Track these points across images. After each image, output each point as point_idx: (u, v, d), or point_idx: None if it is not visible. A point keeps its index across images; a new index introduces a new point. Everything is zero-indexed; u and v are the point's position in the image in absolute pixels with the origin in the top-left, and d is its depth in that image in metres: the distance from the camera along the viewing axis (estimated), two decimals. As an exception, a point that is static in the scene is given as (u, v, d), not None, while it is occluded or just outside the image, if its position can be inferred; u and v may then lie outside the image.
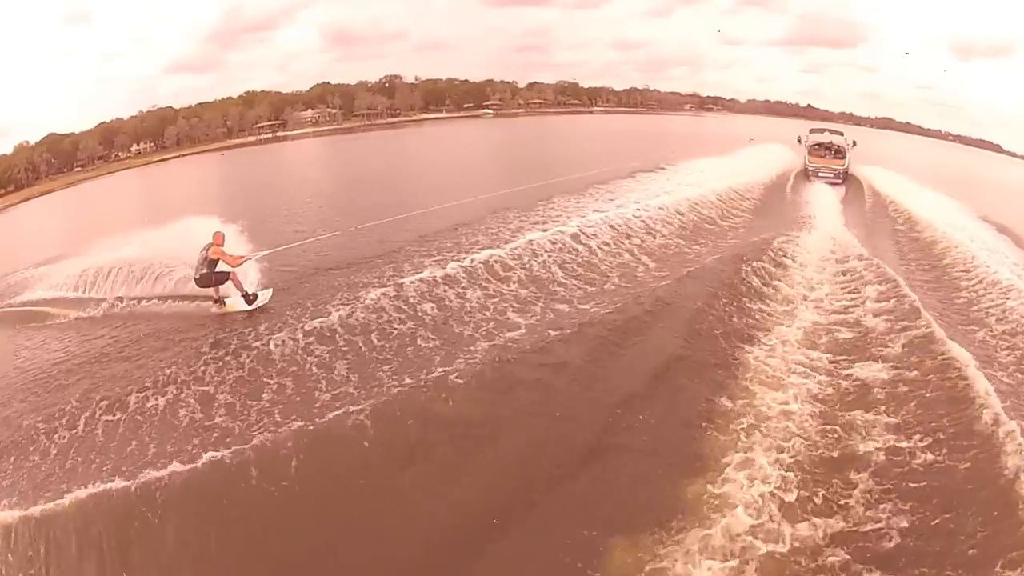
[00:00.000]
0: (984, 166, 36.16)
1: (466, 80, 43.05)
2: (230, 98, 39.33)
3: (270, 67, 41.66)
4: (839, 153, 23.43)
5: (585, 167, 18.71)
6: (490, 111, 42.96)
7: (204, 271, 9.56)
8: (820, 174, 21.93)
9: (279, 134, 39.82)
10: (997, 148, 39.29)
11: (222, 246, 9.62)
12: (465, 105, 43.22)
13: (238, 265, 9.63)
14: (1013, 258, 13.77)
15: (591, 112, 44.43)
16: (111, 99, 35.45)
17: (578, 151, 26.67)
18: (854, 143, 24.20)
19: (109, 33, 34.47)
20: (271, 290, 10.02)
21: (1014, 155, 38.26)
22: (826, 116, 39.65)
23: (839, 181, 21.50)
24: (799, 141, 24.69)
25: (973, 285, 11.62)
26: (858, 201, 19.41)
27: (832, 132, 25.12)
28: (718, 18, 45.41)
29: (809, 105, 42.25)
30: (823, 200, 18.47)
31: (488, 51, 45.56)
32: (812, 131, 25.24)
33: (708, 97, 44.87)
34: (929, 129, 40.63)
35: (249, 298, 9.68)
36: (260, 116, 39.61)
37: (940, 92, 41.34)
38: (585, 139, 33.57)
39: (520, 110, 43.85)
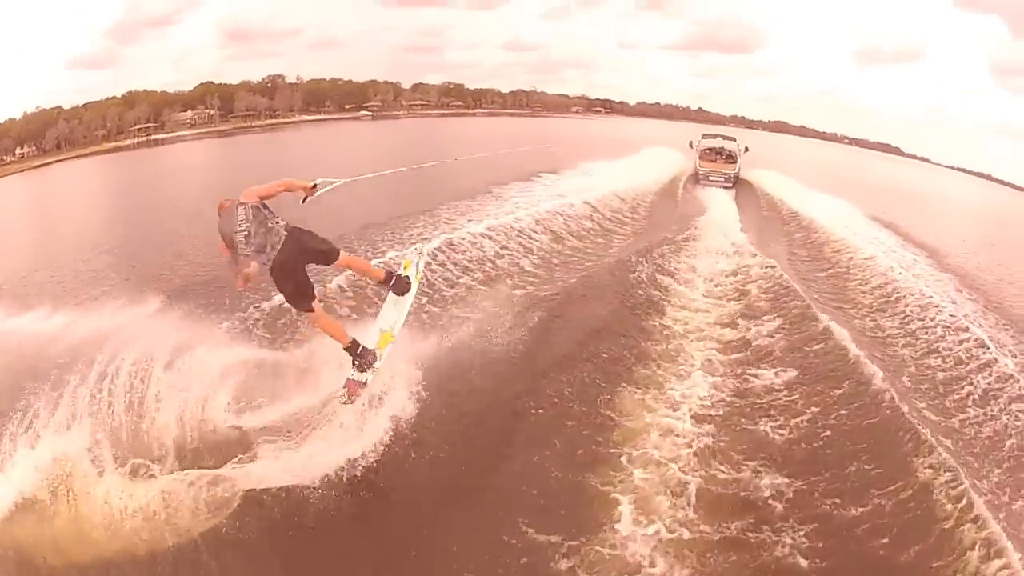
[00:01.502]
0: (879, 168, 38.04)
1: (349, 80, 41.79)
2: (113, 98, 36.71)
3: (166, 64, 39.33)
4: (730, 158, 23.95)
5: (473, 172, 18.31)
6: (369, 113, 41.85)
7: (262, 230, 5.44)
8: (711, 178, 22.32)
9: (154, 137, 37.01)
10: (897, 151, 40.72)
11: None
12: (347, 106, 41.95)
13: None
14: (908, 257, 14.64)
15: (474, 114, 43.77)
16: (6, 99, 32.71)
17: (465, 154, 25.45)
18: (746, 149, 24.80)
19: (5, 29, 31.49)
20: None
21: (914, 157, 40.00)
22: (717, 119, 40.69)
23: (729, 185, 22.01)
24: (691, 146, 25.12)
25: (853, 274, 12.70)
26: (749, 203, 19.89)
27: (724, 138, 25.62)
28: (615, 22, 45.75)
29: (700, 108, 43.06)
30: (714, 203, 18.77)
31: (381, 50, 44.79)
32: (704, 136, 25.74)
33: (597, 100, 44.86)
34: (825, 132, 41.86)
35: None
36: (139, 117, 37.00)
37: (840, 96, 42.46)
38: (471, 142, 32.39)
39: (402, 112, 42.78)
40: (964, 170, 39.22)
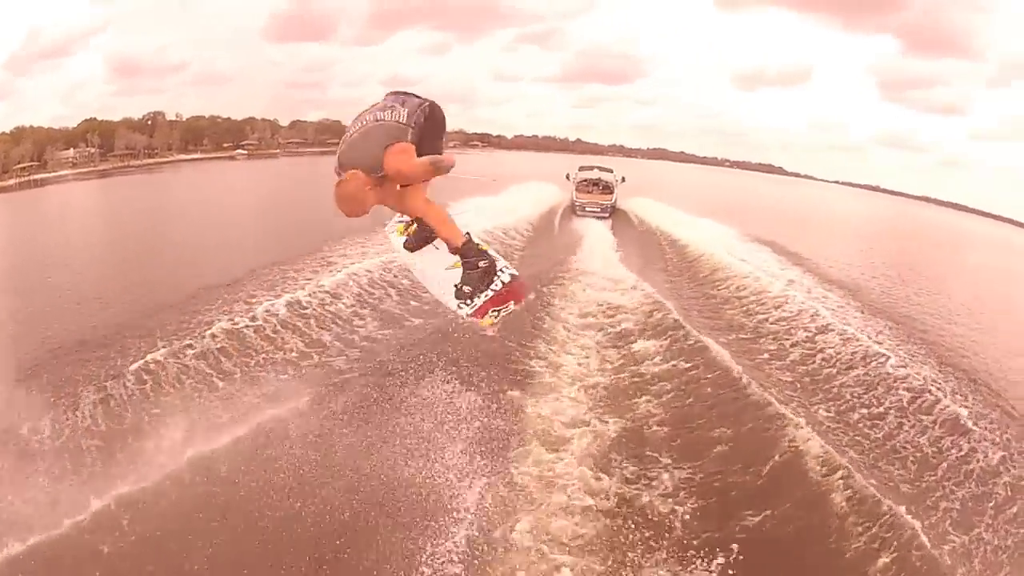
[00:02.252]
0: (763, 188, 39.72)
1: (228, 118, 41.43)
2: (3, 133, 35.68)
3: (55, 98, 39.57)
4: (607, 189, 24.44)
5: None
6: (244, 152, 41.18)
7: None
8: (587, 209, 22.73)
9: (35, 177, 35.76)
10: (780, 170, 42.29)
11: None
12: (224, 144, 41.41)
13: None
14: (789, 275, 15.11)
15: None
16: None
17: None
18: (623, 179, 25.41)
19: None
20: None
21: (797, 175, 41.66)
22: (596, 149, 41.26)
23: (606, 215, 22.49)
24: (568, 178, 25.50)
25: (727, 291, 13.18)
26: (625, 231, 20.40)
27: (601, 169, 26.07)
28: (495, 56, 48.00)
29: (579, 139, 43.60)
30: (591, 233, 19.09)
31: (263, 86, 45.08)
32: (581, 168, 26.12)
33: (474, 134, 45.31)
34: (706, 157, 42.76)
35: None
36: (23, 155, 35.87)
37: (721, 121, 45.21)
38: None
39: (278, 150, 42.36)
40: (851, 184, 41.58)
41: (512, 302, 4.65)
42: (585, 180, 24.91)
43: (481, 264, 4.58)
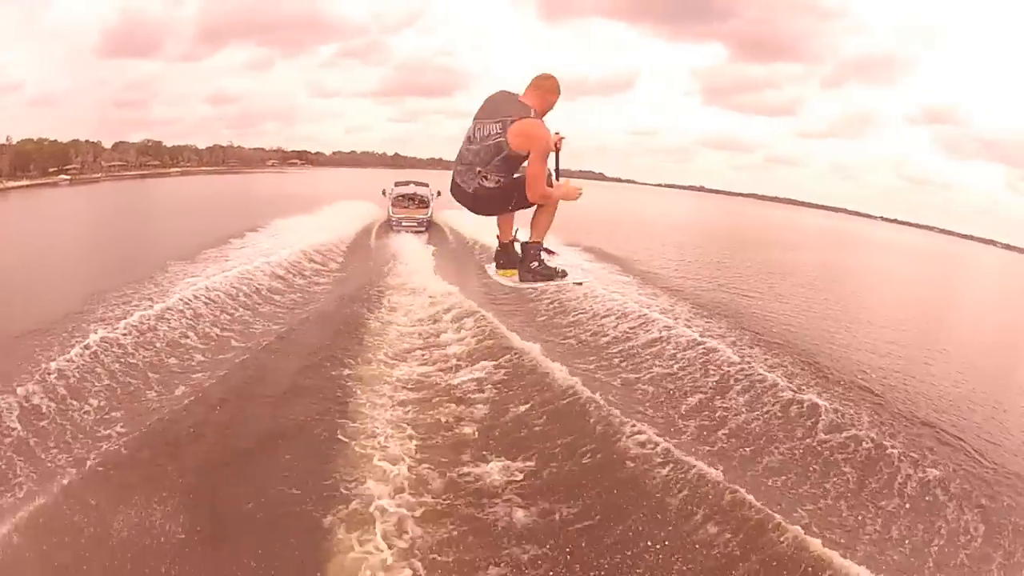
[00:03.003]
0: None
1: (55, 140, 39.60)
2: None
3: None
4: (423, 203, 24.75)
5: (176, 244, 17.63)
6: (67, 177, 38.16)
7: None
8: (404, 224, 23.02)
9: None
10: (601, 176, 50.80)
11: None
12: (50, 169, 38.85)
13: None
14: (597, 272, 16.56)
15: (168, 174, 40.98)
16: None
17: (158, 229, 24.06)
18: (438, 193, 25.37)
19: None
20: None
21: (619, 180, 48.33)
22: (415, 163, 44.85)
23: (423, 229, 22.88)
24: (384, 194, 25.64)
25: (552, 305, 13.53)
26: (442, 244, 20.85)
27: (417, 184, 26.26)
28: (317, 71, 31.78)
29: (397, 153, 45.77)
30: (407, 247, 19.38)
31: (90, 106, 33.18)
32: (397, 183, 26.21)
33: (293, 152, 43.84)
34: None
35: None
36: None
37: None
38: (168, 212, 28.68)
39: (100, 174, 39.88)
40: (674, 186, 49.81)
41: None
42: (401, 195, 25.01)
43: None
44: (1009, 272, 43.80)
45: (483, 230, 20.33)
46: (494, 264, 4.91)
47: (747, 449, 7.53)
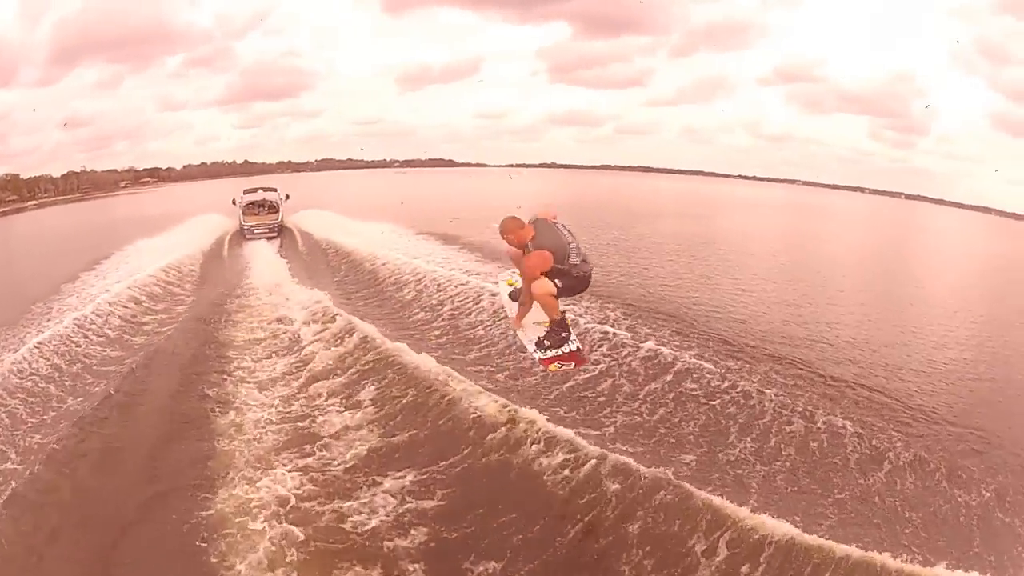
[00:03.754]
0: (429, 182, 42.45)
1: None
2: None
3: None
4: (273, 208, 24.99)
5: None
6: None
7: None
8: (256, 231, 23.29)
9: None
10: (450, 163, 47.53)
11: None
12: None
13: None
14: (442, 256, 17.31)
15: (25, 208, 39.92)
16: None
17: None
18: (287, 197, 26.24)
19: None
20: None
21: (468, 165, 46.78)
22: (264, 169, 42.59)
23: (274, 235, 23.21)
24: (234, 203, 25.65)
25: (390, 284, 14.40)
26: (293, 247, 21.18)
27: (265, 190, 26.58)
28: (165, 83, 40.73)
29: (246, 161, 43.38)
30: (261, 254, 19.52)
31: None
32: (246, 191, 26.36)
33: (144, 170, 43.53)
34: (372, 161, 45.84)
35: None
36: None
37: (386, 123, 46.78)
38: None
39: None
40: (524, 165, 47.78)
41: (573, 363, 6.24)
42: (251, 203, 25.09)
43: (563, 334, 6.18)
44: (876, 214, 46.51)
45: (336, 230, 21.74)
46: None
47: (608, 410, 7.97)
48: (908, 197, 49.79)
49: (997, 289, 20.62)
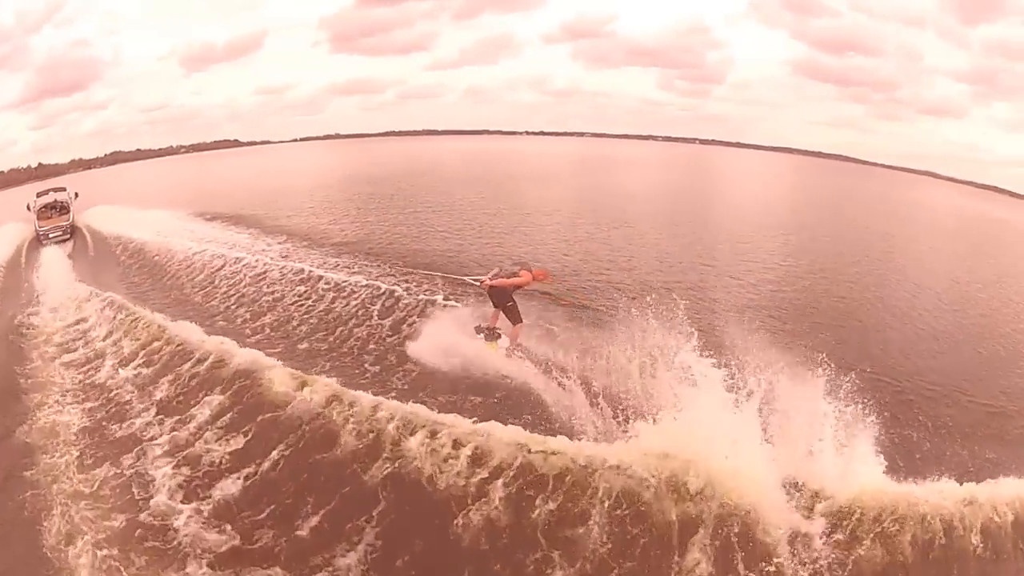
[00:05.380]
0: (217, 165, 41.70)
1: None
2: None
3: None
4: (64, 209, 24.68)
5: None
6: None
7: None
8: (51, 235, 22.82)
9: None
10: (236, 143, 45.36)
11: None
12: None
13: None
14: (234, 240, 18.28)
15: None
16: None
17: None
18: (76, 195, 25.87)
19: None
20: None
21: (254, 143, 45.46)
22: (58, 170, 40.85)
23: (68, 236, 22.85)
24: (28, 208, 25.10)
25: (182, 272, 15.00)
26: (84, 248, 20.78)
27: (55, 191, 26.15)
28: None
29: (40, 164, 41.99)
30: (53, 261, 19.14)
31: None
32: (39, 194, 25.78)
33: None
34: (160, 149, 44.64)
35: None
36: None
37: (170, 108, 43.66)
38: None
39: None
40: (310, 138, 47.23)
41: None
42: (44, 206, 24.68)
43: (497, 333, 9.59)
44: (664, 158, 48.99)
45: (130, 227, 21.32)
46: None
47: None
48: (703, 142, 51.56)
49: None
